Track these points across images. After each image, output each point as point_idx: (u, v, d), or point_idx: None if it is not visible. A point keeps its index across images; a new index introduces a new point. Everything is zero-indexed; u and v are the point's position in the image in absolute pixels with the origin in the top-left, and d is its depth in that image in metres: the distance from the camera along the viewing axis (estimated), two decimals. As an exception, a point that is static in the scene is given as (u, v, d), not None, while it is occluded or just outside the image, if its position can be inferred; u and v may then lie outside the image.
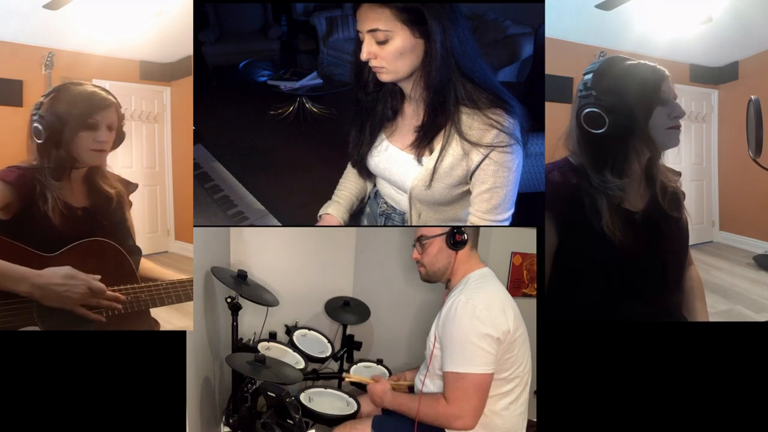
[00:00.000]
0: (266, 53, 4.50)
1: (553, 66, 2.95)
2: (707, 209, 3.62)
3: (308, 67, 4.03)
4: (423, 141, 1.48)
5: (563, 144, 1.48)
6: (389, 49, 1.39)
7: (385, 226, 1.66)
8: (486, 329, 1.39)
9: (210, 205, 2.24)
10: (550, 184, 1.42)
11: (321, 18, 4.39)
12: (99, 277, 1.54)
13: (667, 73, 1.40)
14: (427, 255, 1.55)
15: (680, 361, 1.72)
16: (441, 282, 1.60)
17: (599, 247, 1.40)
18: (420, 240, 1.57)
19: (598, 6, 2.81)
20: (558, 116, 3.23)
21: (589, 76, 1.39)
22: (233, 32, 4.62)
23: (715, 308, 1.70)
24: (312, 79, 3.73)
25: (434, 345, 1.49)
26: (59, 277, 1.48)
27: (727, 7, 2.82)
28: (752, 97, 1.57)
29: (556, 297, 1.49)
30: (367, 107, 1.58)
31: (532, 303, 1.68)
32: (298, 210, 2.30)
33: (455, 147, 1.44)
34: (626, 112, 1.35)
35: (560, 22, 2.60)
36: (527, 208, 1.51)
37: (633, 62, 1.41)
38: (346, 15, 4.40)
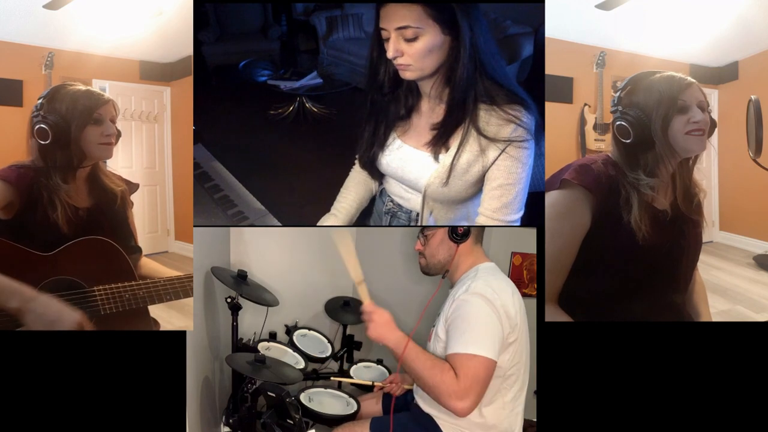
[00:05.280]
0: (266, 53, 4.49)
1: (553, 66, 2.96)
2: (707, 209, 3.61)
3: (308, 66, 4.04)
4: (441, 138, 1.47)
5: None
6: (418, 47, 1.38)
7: (390, 225, 1.66)
8: (498, 317, 1.38)
9: (210, 205, 2.24)
10: (593, 170, 1.46)
11: (321, 18, 4.38)
12: (91, 323, 1.53)
13: (688, 81, 1.44)
14: (429, 247, 1.55)
15: (680, 361, 1.72)
16: (439, 275, 1.58)
17: (624, 239, 1.44)
18: (423, 231, 1.56)
19: (598, 6, 2.81)
20: (558, 116, 3.25)
21: (619, 92, 1.50)
22: (233, 32, 4.62)
23: (715, 308, 1.71)
24: (312, 79, 3.74)
25: (438, 335, 1.47)
26: (53, 311, 1.47)
27: (727, 7, 2.83)
28: (752, 97, 1.58)
29: (576, 282, 1.50)
30: (380, 108, 1.56)
31: (532, 303, 1.67)
32: (298, 210, 2.30)
33: (472, 143, 1.44)
34: (646, 124, 1.43)
35: (560, 22, 2.60)
36: (527, 208, 1.51)
37: (658, 76, 1.47)
38: (346, 15, 4.39)
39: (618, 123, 1.47)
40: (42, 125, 1.54)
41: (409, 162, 1.53)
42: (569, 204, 1.46)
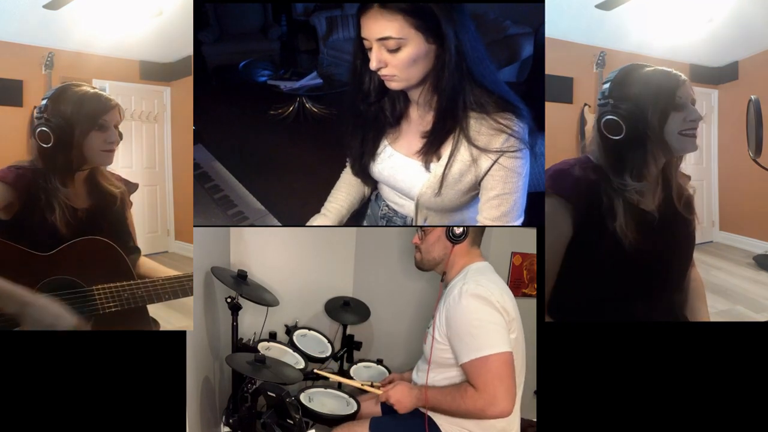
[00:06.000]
0: (266, 53, 4.49)
1: (553, 66, 2.95)
2: (707, 209, 3.62)
3: (308, 67, 4.03)
4: (431, 147, 1.44)
5: (587, 147, 1.52)
6: (402, 57, 1.33)
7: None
8: (497, 310, 1.38)
9: (210, 205, 2.24)
10: (571, 177, 1.41)
11: (321, 18, 4.38)
12: (89, 325, 1.54)
13: (683, 78, 1.40)
14: (425, 242, 1.55)
15: (680, 361, 1.72)
16: (433, 270, 1.59)
17: (610, 246, 1.40)
18: (422, 226, 1.56)
19: (598, 6, 2.81)
20: (558, 116, 3.25)
21: (608, 85, 1.42)
22: (233, 32, 4.62)
23: (715, 308, 1.70)
24: (312, 79, 3.74)
25: (434, 337, 1.48)
26: (50, 315, 1.48)
27: (727, 7, 2.83)
28: (752, 97, 1.56)
29: (562, 290, 1.49)
30: (368, 116, 1.53)
31: (532, 303, 1.68)
32: (298, 210, 2.30)
33: (463, 153, 1.41)
34: (642, 119, 1.37)
35: (560, 22, 2.60)
36: (527, 208, 1.51)
37: (650, 69, 1.41)
38: (346, 15, 4.39)
39: (607, 117, 1.39)
40: (44, 128, 1.52)
41: (401, 171, 1.51)
42: (547, 214, 1.43)
